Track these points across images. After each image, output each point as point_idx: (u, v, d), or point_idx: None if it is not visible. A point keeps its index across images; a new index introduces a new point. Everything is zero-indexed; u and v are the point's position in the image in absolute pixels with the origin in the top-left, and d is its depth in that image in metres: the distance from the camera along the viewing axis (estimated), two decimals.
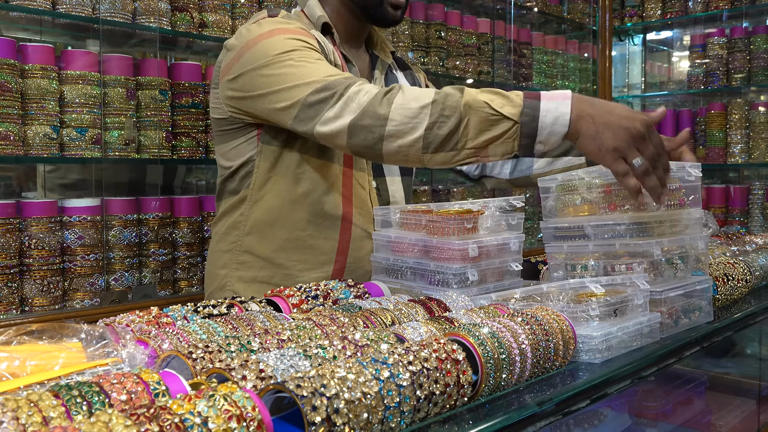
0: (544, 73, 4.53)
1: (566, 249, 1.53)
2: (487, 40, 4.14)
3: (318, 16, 1.82)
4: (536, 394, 1.02)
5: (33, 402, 0.69)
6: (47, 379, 0.77)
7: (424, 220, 1.55)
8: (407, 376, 0.86)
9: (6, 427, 0.66)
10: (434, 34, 3.79)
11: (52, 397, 0.70)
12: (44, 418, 0.68)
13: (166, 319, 1.11)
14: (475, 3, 4.30)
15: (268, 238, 1.80)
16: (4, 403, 0.68)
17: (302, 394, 0.75)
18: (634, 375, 1.20)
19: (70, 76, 2.45)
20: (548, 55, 4.57)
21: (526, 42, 4.41)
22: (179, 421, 0.66)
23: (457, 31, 3.92)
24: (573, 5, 4.82)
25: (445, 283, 1.47)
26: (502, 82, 4.22)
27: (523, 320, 1.09)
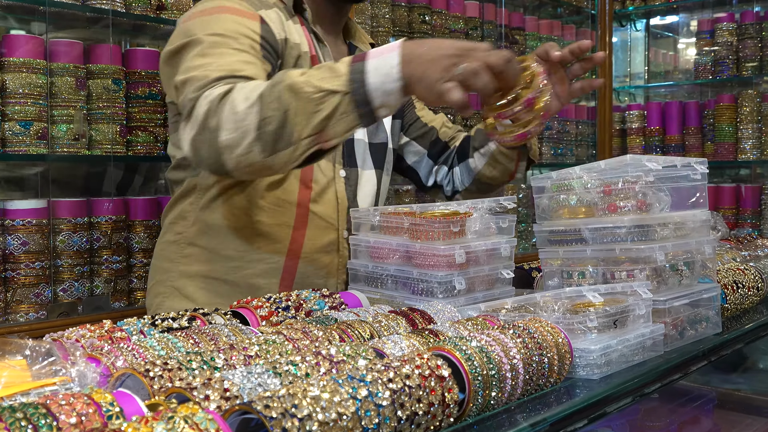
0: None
1: (562, 254, 1.54)
2: (476, 24, 4.16)
3: None
4: (529, 414, 1.03)
5: None
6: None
7: (407, 222, 1.55)
8: (387, 395, 0.86)
9: None
10: (417, 18, 3.80)
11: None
12: None
13: (121, 333, 1.11)
14: None
15: (214, 228, 1.81)
16: None
17: (271, 416, 0.75)
18: (635, 392, 1.21)
19: (13, 63, 2.42)
20: (543, 42, 4.59)
21: (519, 27, 4.44)
22: None
23: (442, 14, 3.93)
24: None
25: (430, 293, 1.47)
26: None
27: (514, 333, 1.10)
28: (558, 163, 4.60)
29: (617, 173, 1.51)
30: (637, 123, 4.97)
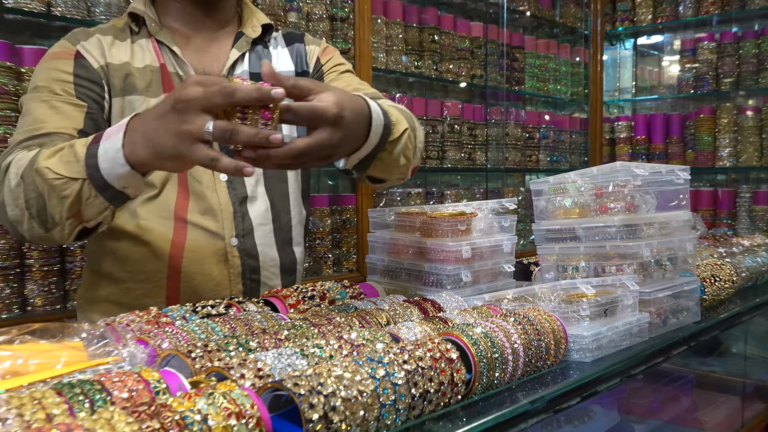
0: (537, 77, 4.55)
1: (558, 251, 1.54)
2: (480, 44, 4.15)
3: (130, 7, 1.59)
4: (528, 392, 1.03)
5: (37, 399, 0.70)
6: (50, 378, 0.78)
7: (419, 222, 1.56)
8: (402, 375, 0.87)
9: (11, 423, 0.66)
10: (427, 37, 3.79)
11: (56, 395, 0.71)
12: (48, 415, 0.69)
13: (166, 318, 1.12)
14: (468, 7, 4.31)
15: (108, 250, 1.54)
16: (9, 400, 0.69)
17: (300, 393, 0.76)
18: (623, 373, 1.21)
19: None
20: (540, 59, 4.58)
21: (519, 46, 4.43)
22: (179, 419, 0.66)
23: (450, 35, 3.93)
24: (565, 9, 4.83)
25: (439, 284, 1.48)
26: (495, 86, 4.23)
27: (515, 320, 1.10)
28: (553, 169, 4.58)
29: (608, 178, 1.52)
30: (625, 133, 4.95)
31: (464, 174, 4.30)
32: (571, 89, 4.88)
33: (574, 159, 4.85)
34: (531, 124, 4.53)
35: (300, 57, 1.74)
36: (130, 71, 1.53)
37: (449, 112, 3.91)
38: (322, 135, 1.06)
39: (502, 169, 4.27)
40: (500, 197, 4.09)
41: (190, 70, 1.56)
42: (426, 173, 4.07)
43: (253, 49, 1.68)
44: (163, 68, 1.55)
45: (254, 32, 1.68)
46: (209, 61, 1.62)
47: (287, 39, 1.77)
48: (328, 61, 1.75)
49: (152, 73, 1.54)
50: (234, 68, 1.63)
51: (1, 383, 0.77)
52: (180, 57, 1.56)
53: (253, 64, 1.66)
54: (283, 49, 1.75)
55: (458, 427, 0.90)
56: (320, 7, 3.19)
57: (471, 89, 4.26)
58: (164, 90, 1.55)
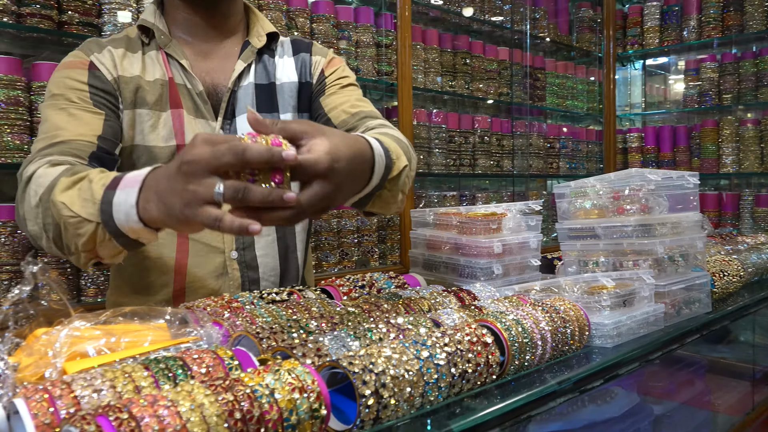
0: (556, 94, 4.48)
1: (579, 247, 1.50)
2: (506, 65, 4.10)
3: (140, 19, 1.44)
4: (556, 374, 1.00)
5: (127, 373, 0.69)
6: (138, 354, 0.78)
7: (455, 221, 1.53)
8: (443, 356, 0.85)
9: (105, 394, 0.66)
10: (460, 61, 3.76)
11: (143, 369, 0.71)
12: (137, 387, 0.68)
13: (237, 304, 1.12)
14: (496, 34, 4.26)
15: (122, 265, 1.40)
16: (103, 373, 0.69)
17: (354, 370, 0.75)
18: (641, 358, 1.17)
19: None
20: (559, 79, 4.51)
21: (540, 67, 4.37)
22: (250, 392, 0.66)
23: (480, 58, 3.89)
24: (581, 35, 4.75)
25: (474, 276, 1.45)
26: (520, 102, 4.18)
27: (543, 309, 1.07)
28: (572, 175, 4.50)
29: (624, 183, 1.47)
30: (636, 143, 4.84)
31: (492, 179, 4.25)
32: (587, 104, 4.79)
33: (590, 166, 4.76)
34: (552, 135, 4.46)
35: (305, 67, 1.54)
36: (140, 84, 1.37)
37: (479, 125, 3.89)
38: (314, 190, 0.84)
39: (527, 175, 4.22)
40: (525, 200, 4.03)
41: (197, 84, 1.40)
42: (459, 178, 4.04)
43: (259, 59, 1.50)
44: (171, 82, 1.40)
45: (260, 41, 1.50)
46: (217, 73, 1.45)
47: (294, 48, 1.57)
48: (332, 74, 1.54)
49: (162, 86, 1.39)
50: (240, 80, 1.45)
51: (97, 358, 0.77)
52: (188, 70, 1.40)
53: (259, 75, 1.48)
54: (290, 58, 1.55)
55: (494, 404, 0.88)
56: (367, 36, 3.18)
57: (498, 105, 4.21)
58: (171, 104, 1.38)
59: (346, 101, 1.45)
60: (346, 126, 1.39)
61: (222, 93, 1.43)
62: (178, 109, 1.39)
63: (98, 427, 0.56)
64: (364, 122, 1.38)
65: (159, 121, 1.37)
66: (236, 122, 1.43)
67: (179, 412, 0.60)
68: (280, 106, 1.50)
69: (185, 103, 1.40)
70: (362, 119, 1.39)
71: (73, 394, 0.65)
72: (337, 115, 1.43)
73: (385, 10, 3.33)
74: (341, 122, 1.41)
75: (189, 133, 1.38)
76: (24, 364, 0.75)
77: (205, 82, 1.43)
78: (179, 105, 1.39)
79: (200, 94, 1.41)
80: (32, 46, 2.38)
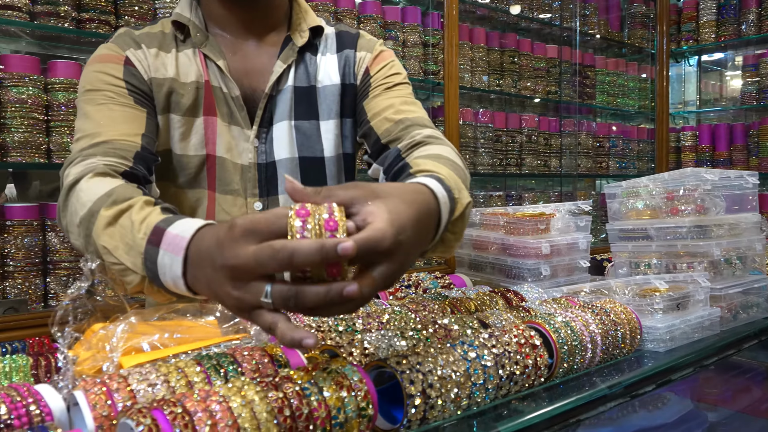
0: (606, 92, 4.39)
1: (630, 248, 1.46)
2: (555, 63, 4.04)
3: (174, 14, 1.32)
4: (606, 378, 0.98)
5: (180, 368, 0.71)
6: (191, 350, 0.80)
7: (502, 221, 1.52)
8: (491, 358, 0.84)
9: (159, 388, 0.68)
10: (508, 59, 3.73)
11: (196, 365, 0.72)
12: (189, 382, 0.70)
13: None
14: (544, 32, 4.20)
15: None
16: (158, 368, 0.70)
17: (402, 370, 0.75)
18: (696, 364, 1.13)
19: None
20: (610, 76, 4.41)
21: (590, 65, 4.28)
22: (299, 389, 0.66)
23: (528, 56, 3.84)
24: (633, 31, 4.63)
25: (521, 277, 1.43)
26: (568, 101, 4.11)
27: (593, 311, 1.05)
28: (622, 174, 4.41)
29: (679, 182, 1.43)
30: (690, 141, 4.70)
31: (539, 179, 4.19)
32: (638, 102, 4.68)
33: (641, 165, 4.64)
34: (601, 134, 4.37)
35: (348, 66, 1.38)
36: (173, 88, 1.27)
37: (527, 124, 3.84)
38: (379, 272, 0.69)
39: (575, 175, 4.14)
40: (573, 200, 3.97)
41: (234, 88, 1.28)
42: (505, 178, 4.00)
43: (300, 57, 1.36)
44: (207, 84, 1.29)
45: (302, 38, 1.35)
46: (256, 75, 1.33)
47: (339, 43, 1.40)
48: (378, 72, 1.37)
49: (197, 90, 1.28)
50: (279, 82, 1.32)
51: (151, 353, 0.79)
52: (225, 72, 1.28)
53: (299, 77, 1.34)
54: (332, 56, 1.39)
55: (542, 407, 0.86)
56: (414, 36, 3.18)
57: (546, 104, 4.15)
58: (204, 109, 1.29)
59: (390, 106, 1.31)
60: (389, 136, 1.27)
61: (259, 98, 1.31)
62: (212, 116, 1.29)
63: (153, 420, 0.58)
64: (409, 132, 1.25)
65: (190, 129, 1.28)
66: (273, 131, 1.32)
67: (230, 407, 0.61)
68: (321, 112, 1.36)
69: (219, 109, 1.29)
70: (407, 128, 1.25)
71: (129, 387, 0.67)
72: (380, 123, 1.29)
73: (432, 9, 3.32)
74: (384, 131, 1.28)
75: (221, 142, 1.29)
76: (82, 358, 0.77)
77: (243, 85, 1.31)
78: (213, 112, 1.29)
79: (236, 99, 1.29)
80: (89, 52, 2.46)
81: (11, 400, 0.64)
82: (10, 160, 2.16)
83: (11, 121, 2.15)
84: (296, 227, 0.65)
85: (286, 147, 1.31)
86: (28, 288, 2.20)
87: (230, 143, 1.29)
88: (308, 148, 1.34)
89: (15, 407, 0.64)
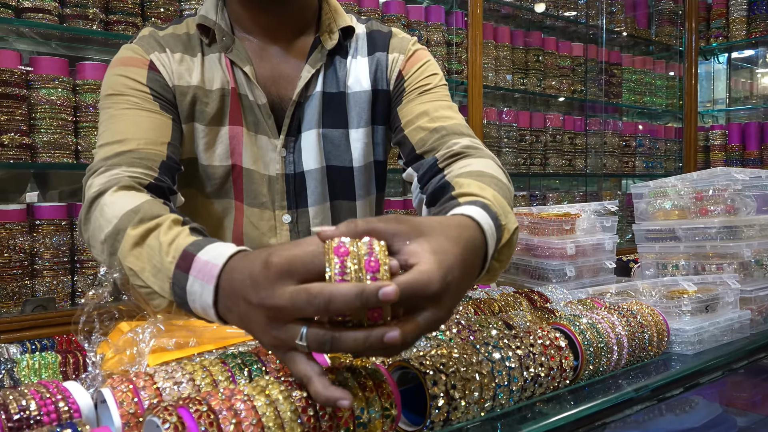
0: (633, 90, 4.33)
1: (657, 249, 1.44)
2: (580, 62, 4.00)
3: (199, 16, 1.25)
4: (632, 381, 0.96)
5: (205, 367, 0.72)
6: (215, 348, 0.81)
7: (527, 221, 1.51)
8: (515, 359, 0.84)
9: (185, 386, 0.69)
10: (533, 58, 3.70)
11: (221, 364, 0.73)
12: (214, 380, 0.71)
13: None
14: (569, 29, 4.16)
15: None
16: (183, 366, 0.71)
17: (425, 371, 0.75)
18: (724, 367, 1.11)
19: None
20: (637, 74, 4.36)
21: (617, 63, 4.23)
22: None
23: (553, 54, 3.81)
24: (660, 28, 4.57)
25: (545, 278, 1.42)
26: (594, 99, 4.07)
27: (619, 313, 1.04)
28: (648, 174, 4.35)
29: (708, 182, 1.41)
30: (720, 140, 4.62)
31: (563, 179, 4.16)
32: (666, 101, 4.61)
33: (668, 165, 4.58)
34: (627, 133, 4.32)
35: (380, 71, 1.30)
36: (197, 96, 1.22)
37: (551, 123, 3.81)
38: (425, 318, 0.64)
39: (600, 174, 4.10)
40: (598, 200, 3.92)
41: (260, 95, 1.23)
42: (529, 178, 3.97)
43: (330, 60, 1.29)
44: (233, 92, 1.24)
45: (332, 41, 1.28)
46: (284, 81, 1.27)
47: (370, 44, 1.32)
48: (412, 75, 1.29)
49: (223, 98, 1.23)
50: (307, 88, 1.27)
51: (177, 352, 0.80)
52: (251, 79, 1.23)
53: (328, 81, 1.28)
54: (363, 58, 1.31)
55: (567, 409, 0.85)
56: (438, 35, 3.17)
57: (571, 102, 4.11)
58: (230, 118, 1.24)
59: (425, 113, 1.22)
60: (425, 146, 1.18)
61: (287, 105, 1.25)
62: (237, 126, 1.24)
63: (179, 418, 0.59)
64: (445, 142, 1.16)
65: (215, 139, 1.24)
66: (301, 139, 1.27)
67: (255, 406, 0.61)
68: (350, 120, 1.30)
69: (245, 117, 1.24)
70: (443, 138, 1.17)
71: (155, 385, 0.68)
72: (414, 132, 1.21)
73: (456, 8, 3.31)
74: (419, 141, 1.20)
75: (247, 152, 1.25)
76: (109, 356, 0.79)
77: (270, 92, 1.25)
78: (239, 121, 1.24)
79: (263, 107, 1.24)
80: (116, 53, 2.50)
81: (41, 397, 0.66)
82: (40, 160, 2.21)
83: (41, 122, 2.20)
84: (335, 269, 0.61)
85: (314, 156, 1.27)
86: (56, 286, 2.24)
87: (256, 154, 1.26)
88: (337, 157, 1.29)
89: (44, 404, 0.65)
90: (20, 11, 2.21)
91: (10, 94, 2.14)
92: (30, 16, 2.22)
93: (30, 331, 2.07)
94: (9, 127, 2.14)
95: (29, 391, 0.66)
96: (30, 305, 2.16)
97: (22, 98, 2.17)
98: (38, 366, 0.84)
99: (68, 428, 0.59)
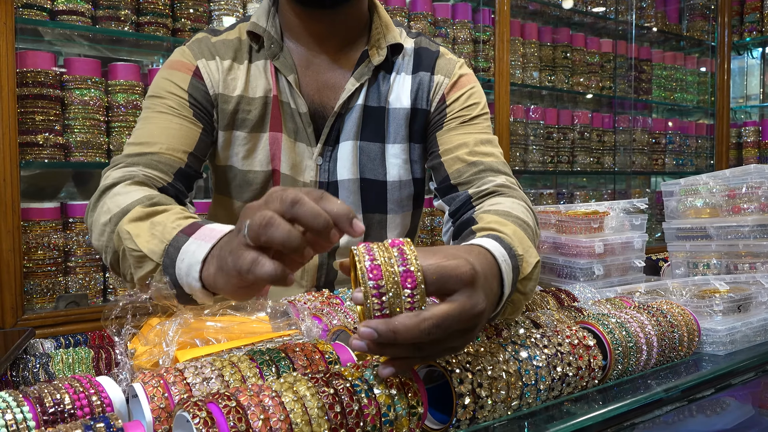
0: (663, 86, 4.25)
1: (688, 248, 1.42)
2: (609, 58, 3.94)
3: (250, 23, 1.27)
4: (662, 381, 0.95)
5: (234, 363, 0.73)
6: (244, 345, 0.81)
7: (554, 219, 1.49)
8: (543, 358, 0.83)
9: (213, 382, 0.70)
10: (560, 54, 3.66)
11: (249, 360, 0.74)
12: (242, 376, 0.71)
13: (336, 300, 1.14)
14: (598, 26, 4.10)
15: None
16: (212, 362, 0.72)
17: (452, 369, 0.74)
18: (758, 368, 1.09)
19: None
20: (667, 71, 4.28)
21: (646, 59, 4.16)
22: (350, 386, 0.67)
23: (581, 51, 3.76)
24: (692, 23, 4.48)
25: (573, 277, 1.41)
26: (623, 96, 4.01)
27: (649, 312, 1.02)
28: (678, 172, 4.27)
29: (741, 180, 1.38)
30: (753, 137, 4.51)
31: (590, 176, 4.11)
32: (697, 97, 4.52)
33: (699, 162, 4.49)
34: (657, 130, 4.25)
35: (422, 91, 1.30)
36: (240, 105, 1.24)
37: (579, 121, 3.76)
38: (461, 299, 0.66)
39: (629, 172, 4.04)
40: (626, 198, 3.87)
41: (302, 104, 1.25)
42: (557, 176, 3.93)
43: (375, 75, 1.29)
44: (275, 99, 1.25)
45: (379, 56, 1.27)
46: (327, 90, 1.28)
47: (416, 62, 1.32)
48: (455, 101, 1.28)
49: (265, 105, 1.25)
50: (350, 100, 1.28)
51: (206, 348, 0.81)
52: (294, 87, 1.24)
53: (371, 95, 1.29)
54: (407, 76, 1.31)
55: (595, 409, 0.84)
56: (465, 32, 3.16)
57: (600, 99, 4.06)
58: (271, 125, 1.26)
59: (464, 144, 1.22)
60: (460, 178, 1.19)
61: (328, 115, 1.27)
62: (278, 132, 1.27)
63: (209, 413, 0.59)
64: (481, 178, 1.17)
65: (256, 145, 1.27)
66: (338, 149, 1.29)
67: (283, 402, 0.62)
68: (387, 135, 1.30)
69: (285, 124, 1.27)
70: (479, 173, 1.18)
71: (185, 381, 0.69)
72: (452, 162, 1.22)
73: (483, 5, 3.29)
74: (455, 171, 1.20)
75: (285, 158, 1.27)
76: (139, 352, 0.80)
77: (313, 101, 1.27)
78: (279, 127, 1.27)
79: (303, 116, 1.26)
80: (148, 54, 2.55)
81: (74, 391, 0.67)
82: (73, 159, 2.25)
83: (74, 122, 2.24)
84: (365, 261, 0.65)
85: (348, 167, 1.28)
86: (88, 283, 2.29)
87: (294, 160, 1.28)
88: (371, 170, 1.30)
89: (78, 397, 0.67)
90: (54, 14, 2.26)
91: (44, 95, 2.19)
92: (64, 18, 2.26)
93: (64, 326, 2.12)
94: (44, 126, 2.19)
95: (63, 386, 0.68)
96: (63, 301, 2.21)
97: (56, 99, 2.22)
98: (72, 361, 0.86)
99: (101, 422, 0.60)
